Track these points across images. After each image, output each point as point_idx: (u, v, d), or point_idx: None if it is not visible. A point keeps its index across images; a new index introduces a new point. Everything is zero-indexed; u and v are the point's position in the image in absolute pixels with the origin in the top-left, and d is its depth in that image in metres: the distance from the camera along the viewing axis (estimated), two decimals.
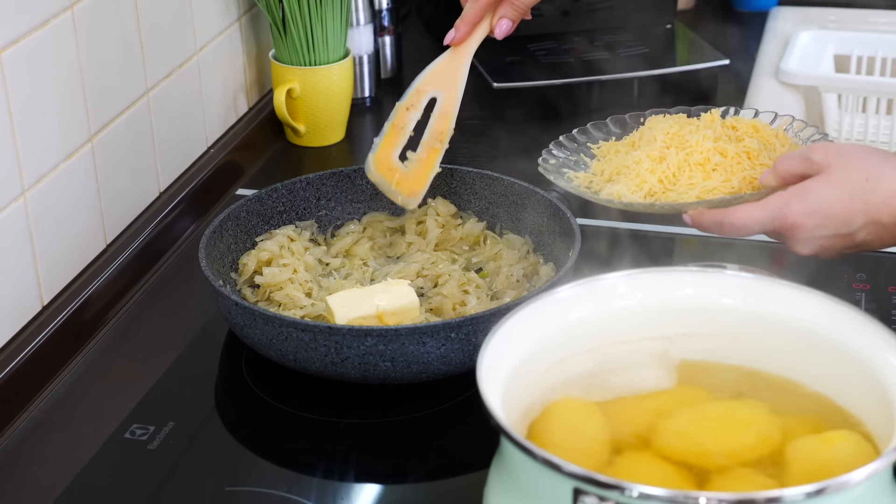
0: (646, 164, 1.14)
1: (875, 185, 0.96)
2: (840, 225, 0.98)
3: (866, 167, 0.97)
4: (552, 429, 0.87)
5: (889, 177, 0.96)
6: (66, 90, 1.24)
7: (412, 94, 1.24)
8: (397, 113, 1.25)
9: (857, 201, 0.97)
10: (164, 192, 1.45)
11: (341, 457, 1.08)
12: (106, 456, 1.07)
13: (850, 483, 0.73)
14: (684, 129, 1.17)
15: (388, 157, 1.25)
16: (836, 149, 1.00)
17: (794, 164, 1.01)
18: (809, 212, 0.98)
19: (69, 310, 1.23)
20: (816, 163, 0.99)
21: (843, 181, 0.97)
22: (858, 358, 0.87)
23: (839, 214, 0.98)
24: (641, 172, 1.13)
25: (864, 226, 0.98)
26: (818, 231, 0.99)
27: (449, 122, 1.22)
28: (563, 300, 0.93)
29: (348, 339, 1.07)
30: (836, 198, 0.97)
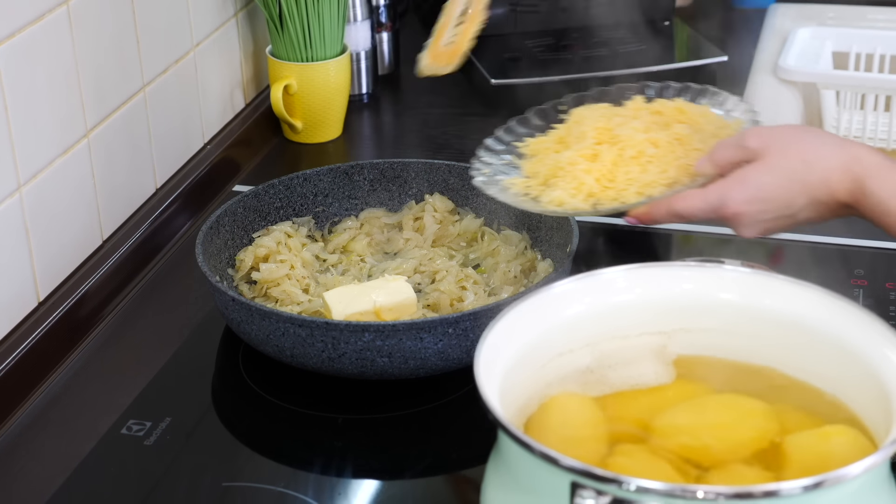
0: (581, 164, 1.13)
1: (811, 166, 0.98)
2: (782, 208, 1.00)
3: (802, 150, 0.99)
4: (550, 423, 0.87)
5: (824, 158, 0.98)
6: (61, 85, 1.24)
7: None
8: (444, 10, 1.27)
9: (795, 184, 0.99)
10: (160, 188, 1.45)
11: (339, 452, 1.09)
12: (102, 452, 1.07)
13: (847, 477, 0.73)
14: (612, 120, 1.16)
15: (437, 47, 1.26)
16: (771, 133, 1.01)
17: (730, 153, 1.03)
18: (750, 199, 1.00)
19: (65, 306, 1.23)
20: (752, 149, 1.01)
21: (781, 166, 0.99)
22: (856, 353, 0.88)
23: (780, 198, 0.99)
24: (577, 174, 1.13)
25: (805, 206, 1.00)
26: (761, 216, 1.01)
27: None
28: (560, 295, 0.93)
29: (345, 335, 1.07)
30: (775, 182, 0.99)
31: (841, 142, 0.99)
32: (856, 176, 0.97)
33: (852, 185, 0.97)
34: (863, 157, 0.97)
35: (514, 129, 1.24)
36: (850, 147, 0.99)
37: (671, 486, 0.73)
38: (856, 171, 0.97)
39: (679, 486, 0.73)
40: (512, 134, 1.24)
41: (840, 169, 0.97)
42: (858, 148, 0.98)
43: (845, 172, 0.97)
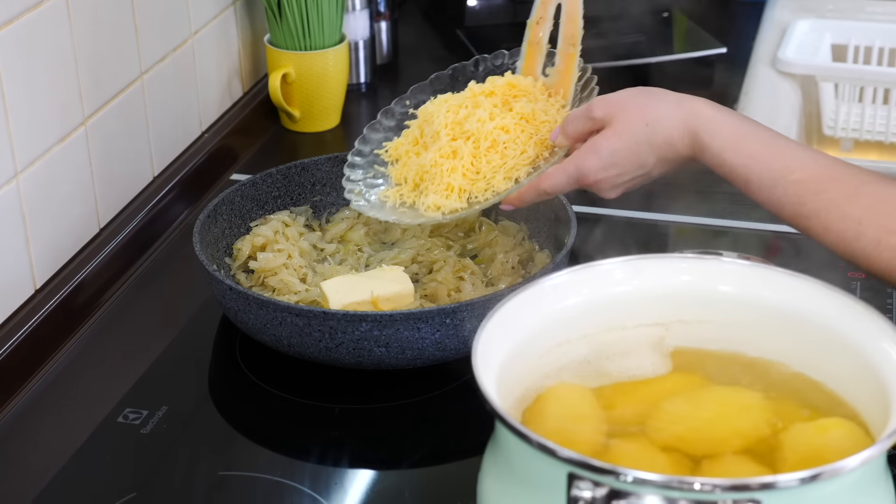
0: (444, 164, 1.17)
1: (654, 128, 1.05)
2: (635, 168, 1.07)
3: (644, 113, 1.05)
4: (547, 414, 0.87)
5: (665, 117, 1.05)
6: (59, 73, 1.24)
7: (538, 6, 1.23)
8: (530, 29, 1.24)
9: (643, 146, 1.06)
10: (158, 176, 1.45)
11: (335, 442, 1.09)
12: (99, 440, 1.07)
13: (844, 469, 0.73)
14: (459, 114, 1.19)
15: (534, 75, 1.24)
16: (614, 101, 1.08)
17: (580, 125, 1.10)
18: (605, 165, 1.07)
19: (62, 294, 1.23)
20: (599, 119, 1.08)
21: (627, 131, 1.06)
22: (854, 346, 0.88)
23: (631, 160, 1.07)
24: (443, 175, 1.17)
25: (655, 164, 1.07)
26: (618, 179, 1.08)
27: (576, 23, 1.20)
28: (558, 286, 0.93)
29: (343, 325, 1.07)
30: (625, 147, 1.06)
31: (679, 99, 1.05)
32: (693, 130, 1.03)
33: (691, 140, 1.04)
34: (698, 111, 1.04)
35: (370, 137, 1.27)
36: (687, 103, 1.04)
37: (668, 477, 0.73)
38: (692, 126, 1.03)
39: (676, 478, 0.73)
40: (369, 143, 1.27)
41: (679, 126, 1.04)
42: (694, 102, 1.04)
43: (684, 128, 1.04)
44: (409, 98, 1.28)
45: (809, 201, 0.98)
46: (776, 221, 1.36)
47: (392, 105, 1.28)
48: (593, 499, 0.74)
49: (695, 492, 0.72)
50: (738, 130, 1.02)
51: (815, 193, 0.98)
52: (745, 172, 1.01)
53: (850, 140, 1.72)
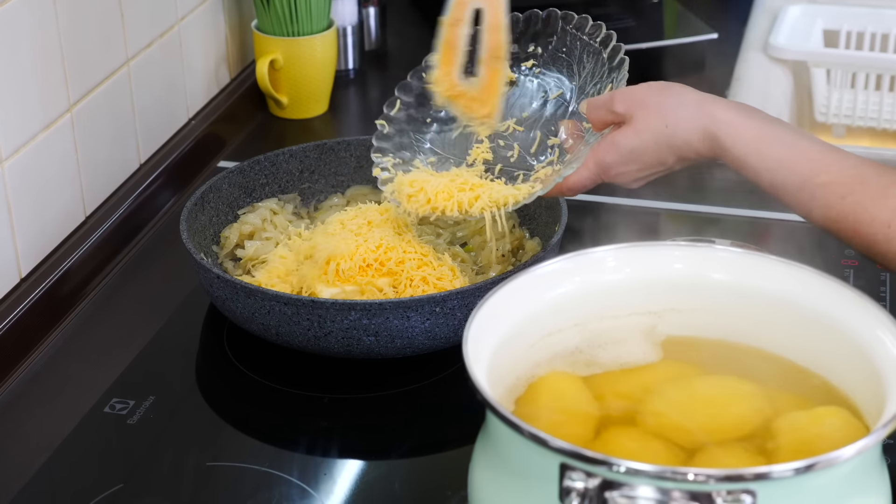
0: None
1: (674, 130, 1.05)
2: (654, 165, 1.08)
3: (664, 114, 1.06)
4: (539, 404, 0.86)
5: (684, 120, 1.05)
6: (44, 59, 1.22)
7: (454, 6, 1.18)
8: (445, 29, 1.19)
9: (662, 147, 1.06)
10: (144, 163, 1.44)
11: (324, 432, 1.08)
12: (85, 430, 1.07)
13: (839, 459, 0.73)
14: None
15: (450, 79, 1.20)
16: (636, 98, 1.08)
17: (601, 114, 1.11)
18: (624, 161, 1.08)
19: (48, 282, 1.22)
20: (620, 114, 1.08)
21: (647, 130, 1.06)
22: (848, 333, 0.87)
23: (650, 158, 1.07)
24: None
25: (675, 162, 1.08)
26: (639, 174, 1.09)
27: (499, 34, 1.18)
28: (549, 275, 0.92)
29: (331, 313, 1.06)
30: (643, 146, 1.07)
31: (699, 101, 1.05)
32: (713, 134, 1.03)
33: (711, 143, 1.04)
34: (718, 115, 1.03)
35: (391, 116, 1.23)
36: (707, 105, 1.05)
37: (662, 467, 0.72)
38: (712, 131, 1.03)
39: (669, 468, 0.72)
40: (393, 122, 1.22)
41: (698, 130, 1.04)
42: (714, 106, 1.04)
43: (703, 133, 1.04)
44: (424, 70, 1.24)
45: (836, 205, 0.97)
46: (769, 208, 1.37)
47: (409, 78, 1.25)
48: (586, 490, 0.73)
49: (688, 482, 0.72)
50: (760, 134, 1.02)
51: (841, 197, 0.97)
52: (770, 177, 1.01)
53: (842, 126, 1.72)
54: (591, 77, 1.18)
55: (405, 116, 1.23)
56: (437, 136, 1.22)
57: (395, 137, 1.22)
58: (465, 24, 1.18)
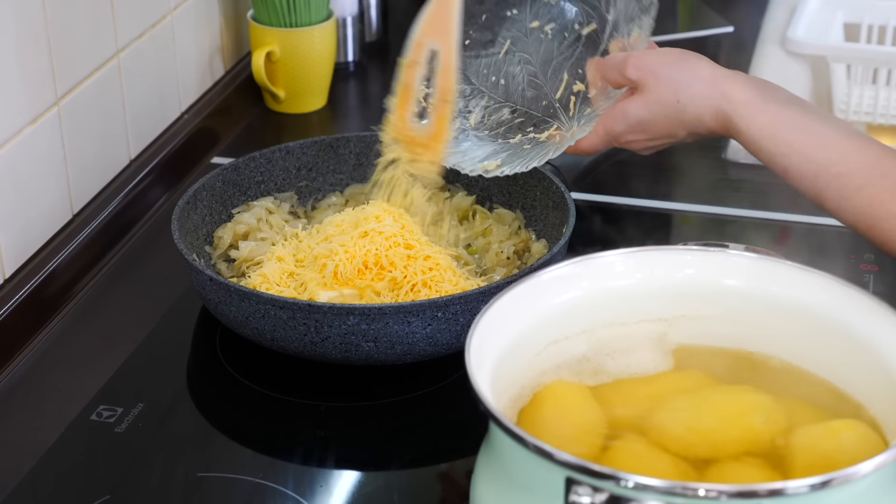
0: None
1: (685, 106, 1.06)
2: (664, 136, 1.10)
3: (676, 88, 1.07)
4: (544, 414, 0.87)
5: (696, 97, 1.06)
6: (30, 50, 1.23)
7: (412, 47, 1.20)
8: (403, 70, 1.21)
9: (673, 120, 1.08)
10: (134, 159, 1.44)
11: (320, 442, 1.08)
12: (71, 439, 1.07)
13: (856, 475, 0.73)
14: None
15: (404, 122, 1.21)
16: (649, 66, 1.09)
17: (615, 76, 1.12)
18: (634, 129, 1.10)
19: (33, 283, 1.22)
20: (632, 80, 1.10)
21: (657, 102, 1.08)
22: (866, 343, 0.87)
23: (660, 130, 1.09)
24: None
25: (686, 136, 1.09)
26: (649, 143, 1.12)
27: (450, 76, 1.19)
28: (556, 279, 0.92)
29: (329, 318, 1.07)
30: (653, 117, 1.09)
31: (713, 77, 1.06)
32: (726, 114, 1.04)
33: (724, 123, 1.05)
34: (732, 94, 1.04)
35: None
36: (721, 82, 1.05)
37: (671, 483, 0.72)
38: (726, 111, 1.04)
39: (679, 484, 0.72)
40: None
41: (711, 108, 1.05)
42: (729, 84, 1.05)
43: (716, 111, 1.05)
44: None
45: (853, 197, 0.97)
46: (786, 210, 1.37)
47: None
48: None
49: (699, 498, 0.72)
50: (776, 117, 1.01)
51: (858, 189, 0.96)
52: (784, 163, 1.00)
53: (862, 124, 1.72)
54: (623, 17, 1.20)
55: None
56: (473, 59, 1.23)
57: None
58: (422, 66, 1.20)
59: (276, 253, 1.20)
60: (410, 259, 1.15)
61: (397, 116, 1.21)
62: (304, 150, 1.33)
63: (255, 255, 1.22)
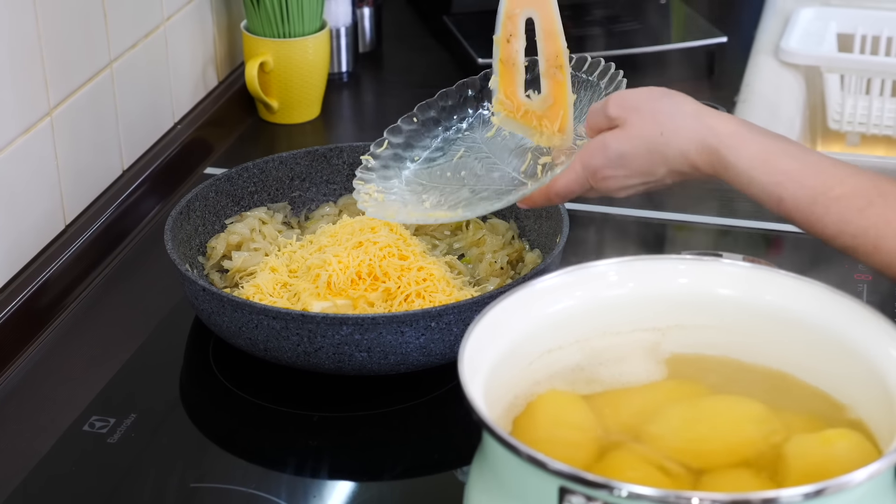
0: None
1: (668, 139, 1.02)
2: (645, 174, 1.05)
3: (660, 121, 1.03)
4: (537, 424, 0.87)
5: (681, 129, 1.02)
6: (23, 60, 1.23)
7: (503, 21, 1.13)
8: (499, 47, 1.15)
9: (654, 155, 1.03)
10: (127, 169, 1.44)
11: (314, 452, 1.08)
12: (63, 450, 1.07)
13: (850, 484, 0.73)
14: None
15: (515, 99, 1.15)
16: (631, 102, 1.05)
17: (597, 119, 1.08)
18: (613, 164, 1.05)
19: (25, 294, 1.22)
20: (613, 117, 1.06)
21: (639, 136, 1.04)
22: (860, 352, 0.88)
23: (640, 166, 1.04)
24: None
25: (666, 174, 1.04)
26: (628, 181, 1.06)
27: (556, 40, 1.12)
28: (549, 289, 0.93)
29: (322, 328, 1.07)
30: (634, 152, 1.04)
31: (697, 111, 1.03)
32: (713, 148, 1.00)
33: (710, 157, 1.01)
34: (718, 127, 1.01)
35: (376, 153, 1.24)
36: (706, 117, 1.02)
37: (664, 492, 0.72)
38: (712, 144, 1.00)
39: (673, 493, 0.72)
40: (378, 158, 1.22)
41: (696, 142, 1.01)
42: (714, 118, 1.02)
43: (701, 145, 1.01)
44: (416, 115, 1.25)
45: (855, 219, 0.94)
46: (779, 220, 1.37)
47: (399, 122, 1.26)
48: None
49: None
50: (766, 146, 0.99)
51: (859, 210, 0.94)
52: (778, 191, 0.97)
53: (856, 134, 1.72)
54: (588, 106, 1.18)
55: (391, 154, 1.23)
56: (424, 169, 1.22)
57: (380, 170, 1.22)
58: (520, 38, 1.14)
59: (269, 263, 1.20)
60: (404, 270, 1.15)
61: (506, 94, 1.17)
62: (298, 160, 1.33)
63: (249, 266, 1.23)
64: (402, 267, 1.15)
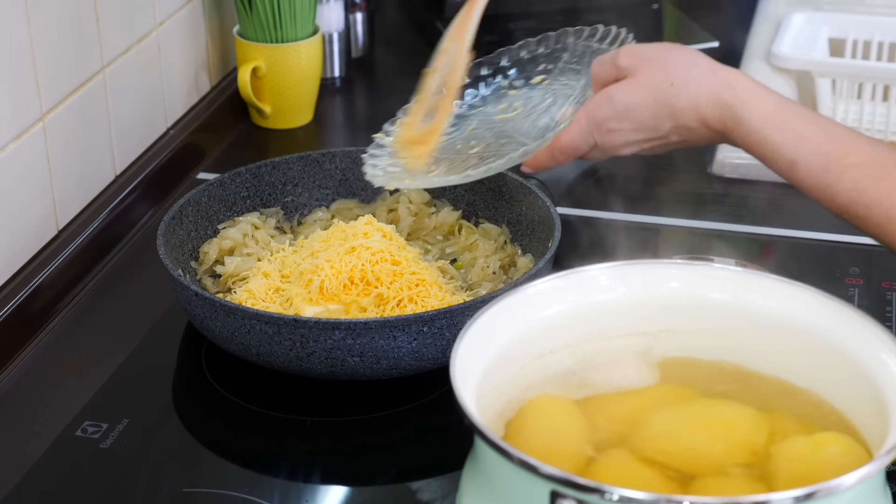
0: None
1: (680, 89, 0.99)
2: (650, 129, 1.02)
3: (671, 71, 1.00)
4: (529, 428, 0.87)
5: (694, 81, 0.99)
6: (15, 65, 1.23)
7: (436, 56, 1.20)
8: (426, 78, 1.21)
9: (663, 106, 1.00)
10: (120, 175, 1.44)
11: (306, 457, 1.08)
12: (55, 455, 1.07)
13: (840, 487, 0.73)
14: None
15: (415, 124, 1.21)
16: (642, 52, 1.03)
17: (605, 70, 1.05)
18: (619, 116, 1.02)
19: (17, 299, 1.22)
20: (623, 67, 1.03)
21: (648, 86, 1.01)
22: (851, 356, 0.88)
23: (646, 118, 1.01)
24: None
25: (672, 129, 1.01)
26: (633, 136, 1.03)
27: (456, 71, 1.17)
28: (541, 293, 0.93)
29: (314, 333, 1.07)
30: (642, 102, 1.01)
31: (713, 67, 1.00)
32: (727, 103, 0.97)
33: (722, 113, 0.98)
34: (734, 82, 0.98)
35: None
36: (723, 73, 0.99)
37: (656, 496, 0.73)
38: (726, 99, 0.97)
39: (664, 497, 0.73)
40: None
41: (710, 95, 0.98)
42: (732, 74, 0.99)
43: (715, 99, 0.98)
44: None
45: (870, 188, 0.91)
46: (770, 224, 1.37)
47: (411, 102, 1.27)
48: None
49: None
50: (781, 107, 0.95)
51: (876, 180, 0.91)
52: (792, 154, 0.94)
53: None
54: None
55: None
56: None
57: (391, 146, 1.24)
58: (439, 74, 1.20)
59: (261, 268, 1.20)
60: (396, 275, 1.15)
61: (411, 120, 1.21)
62: (290, 165, 1.33)
63: (241, 271, 1.23)
64: (395, 272, 1.15)
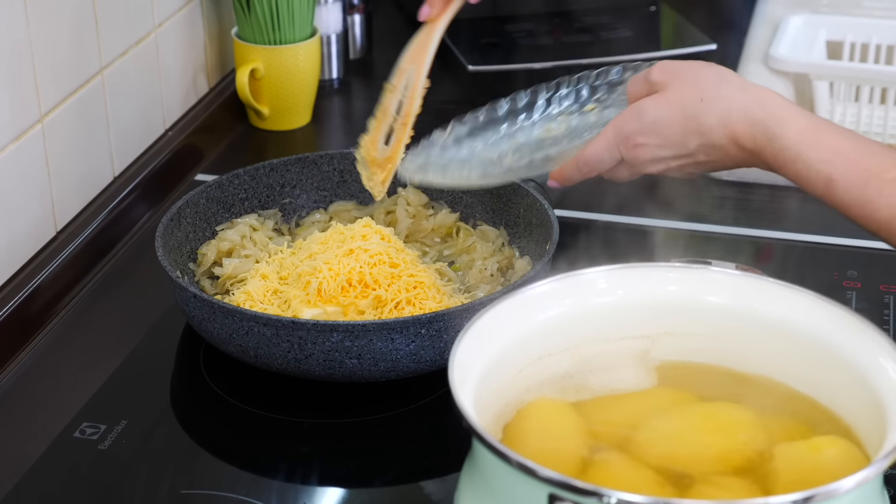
0: None
1: (710, 106, 0.98)
2: (677, 145, 1.01)
3: (702, 87, 0.99)
4: (527, 431, 0.87)
5: (724, 98, 0.98)
6: (14, 67, 1.23)
7: (396, 73, 1.21)
8: (384, 94, 1.21)
9: (691, 122, 0.99)
10: (118, 176, 1.44)
11: (304, 459, 1.08)
12: (54, 456, 1.07)
13: (838, 491, 0.73)
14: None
15: (374, 144, 1.21)
16: (674, 68, 1.02)
17: (638, 87, 1.05)
18: (647, 130, 1.01)
19: (16, 300, 1.22)
20: (655, 82, 1.02)
21: (678, 101, 1.00)
22: (848, 360, 0.88)
23: (674, 134, 1.00)
24: None
25: (699, 147, 1.00)
26: (659, 151, 1.02)
27: (413, 99, 1.19)
28: (539, 296, 0.93)
29: (313, 335, 1.07)
30: (671, 117, 1.00)
31: (745, 84, 0.99)
32: (758, 119, 0.96)
33: (754, 129, 0.97)
34: (767, 100, 0.97)
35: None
36: (754, 90, 0.98)
37: (653, 499, 0.73)
38: (758, 116, 0.96)
39: (662, 500, 0.73)
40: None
41: (741, 111, 0.97)
42: (763, 91, 0.98)
43: (746, 115, 0.97)
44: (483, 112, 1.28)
45: None
46: (769, 228, 1.37)
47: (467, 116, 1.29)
48: None
49: None
50: (815, 122, 0.94)
51: None
52: (828, 170, 0.92)
53: None
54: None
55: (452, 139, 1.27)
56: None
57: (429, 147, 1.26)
58: (399, 93, 1.20)
59: (259, 270, 1.20)
60: (394, 277, 1.15)
61: (370, 138, 1.22)
62: (288, 167, 1.33)
63: (239, 273, 1.23)
64: (393, 274, 1.15)
